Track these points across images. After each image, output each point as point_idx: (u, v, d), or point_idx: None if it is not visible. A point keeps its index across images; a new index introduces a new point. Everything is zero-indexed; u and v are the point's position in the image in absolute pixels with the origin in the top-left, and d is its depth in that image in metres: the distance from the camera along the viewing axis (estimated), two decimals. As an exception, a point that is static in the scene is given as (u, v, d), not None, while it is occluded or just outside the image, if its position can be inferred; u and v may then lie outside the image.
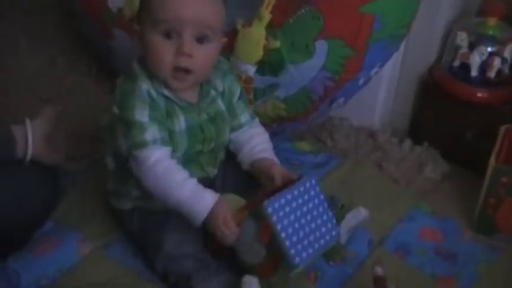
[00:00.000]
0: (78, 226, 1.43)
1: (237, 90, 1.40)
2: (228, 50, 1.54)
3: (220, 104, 1.37)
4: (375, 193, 1.60)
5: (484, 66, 1.65)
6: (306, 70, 1.49)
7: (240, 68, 1.52)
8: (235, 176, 1.42)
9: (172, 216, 1.31)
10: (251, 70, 1.52)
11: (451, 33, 1.71)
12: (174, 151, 1.30)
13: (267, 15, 1.48)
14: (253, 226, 1.23)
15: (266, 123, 1.60)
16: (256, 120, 1.44)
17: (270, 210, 1.20)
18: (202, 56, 1.26)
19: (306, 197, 1.26)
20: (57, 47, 2.08)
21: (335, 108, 1.64)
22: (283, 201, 1.22)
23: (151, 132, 1.26)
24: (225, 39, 1.34)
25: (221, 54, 1.53)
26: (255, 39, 1.49)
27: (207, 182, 1.36)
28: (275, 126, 1.64)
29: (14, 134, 1.31)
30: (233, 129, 1.41)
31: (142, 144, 1.25)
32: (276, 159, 1.40)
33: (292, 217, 1.23)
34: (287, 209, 1.22)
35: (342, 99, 1.60)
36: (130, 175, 1.31)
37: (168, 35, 1.24)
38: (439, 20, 1.72)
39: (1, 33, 2.13)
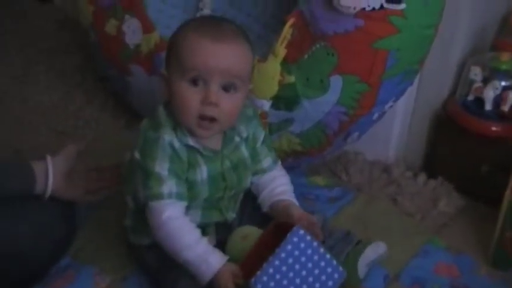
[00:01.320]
0: (94, 261, 1.44)
1: (261, 135, 1.40)
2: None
3: (244, 151, 1.37)
4: (389, 227, 1.59)
5: (498, 101, 1.65)
6: (321, 105, 1.50)
7: (255, 103, 1.53)
8: (252, 215, 1.43)
9: None
10: (266, 105, 1.53)
11: (464, 67, 1.72)
12: (194, 199, 1.31)
13: (282, 51, 1.49)
14: None
15: (281, 158, 1.61)
16: (279, 163, 1.45)
17: (259, 286, 1.19)
18: (228, 104, 1.26)
19: (297, 252, 1.21)
20: (75, 84, 2.12)
21: (350, 142, 1.64)
22: (271, 270, 1.20)
23: (169, 186, 1.27)
24: (252, 86, 1.35)
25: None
26: (270, 74, 1.51)
27: (225, 224, 1.38)
28: (290, 160, 1.64)
29: (34, 171, 1.33)
30: (255, 174, 1.41)
31: (158, 197, 1.27)
32: (295, 201, 1.40)
33: (285, 282, 1.20)
34: (277, 276, 1.20)
35: (356, 134, 1.60)
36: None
37: (194, 82, 1.24)
38: (452, 55, 1.73)
39: (23, 72, 2.17)
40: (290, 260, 1.21)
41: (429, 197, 1.71)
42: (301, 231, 1.22)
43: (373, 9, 1.38)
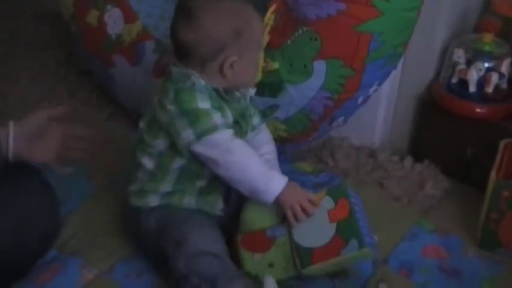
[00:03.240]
0: (80, 252, 1.44)
1: (247, 92, 1.44)
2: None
3: (243, 102, 1.41)
4: (376, 212, 1.58)
5: (482, 82, 1.65)
6: (305, 90, 1.49)
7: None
8: None
9: (195, 213, 1.35)
10: (250, 92, 1.53)
11: (448, 50, 1.72)
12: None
13: (265, 37, 1.49)
14: (329, 205, 1.30)
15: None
16: (264, 124, 1.49)
17: (349, 190, 1.30)
18: None
19: (357, 201, 1.34)
20: (58, 78, 2.10)
21: (335, 127, 1.64)
22: (351, 191, 1.33)
23: (218, 117, 1.31)
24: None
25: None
26: (254, 61, 1.50)
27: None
28: (276, 147, 1.64)
29: None
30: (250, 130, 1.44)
31: (213, 128, 1.29)
32: (278, 169, 1.44)
33: (359, 206, 1.32)
34: (355, 199, 1.32)
35: (341, 119, 1.60)
36: (167, 174, 1.37)
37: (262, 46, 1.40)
38: (436, 38, 1.73)
39: (4, 68, 2.15)
40: (358, 198, 1.35)
41: (416, 180, 1.71)
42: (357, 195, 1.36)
43: (355, -8, 1.38)
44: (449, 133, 1.72)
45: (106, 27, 1.72)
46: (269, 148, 1.46)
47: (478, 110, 1.67)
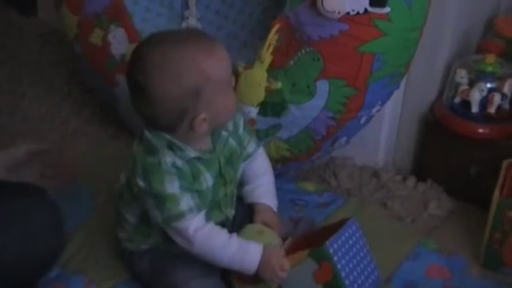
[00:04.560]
0: (84, 271, 1.44)
1: (241, 121, 1.41)
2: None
3: (232, 142, 1.38)
4: (380, 232, 1.59)
5: (485, 103, 1.66)
6: (308, 110, 1.50)
7: (242, 109, 1.53)
8: (244, 215, 1.43)
9: (188, 253, 1.32)
10: (253, 112, 1.53)
11: (450, 70, 1.73)
12: (203, 206, 1.31)
13: (267, 57, 1.50)
14: (312, 266, 1.25)
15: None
16: (261, 149, 1.46)
17: (331, 250, 1.23)
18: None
19: (354, 238, 1.29)
20: (62, 96, 2.11)
21: (337, 147, 1.65)
22: (340, 241, 1.26)
23: (186, 201, 1.26)
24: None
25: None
26: (257, 81, 1.51)
27: (225, 223, 1.39)
28: (278, 166, 1.64)
29: None
30: (244, 160, 1.42)
31: (180, 216, 1.26)
32: (274, 201, 1.44)
33: (347, 257, 1.26)
34: (343, 248, 1.26)
35: (344, 138, 1.61)
36: (153, 230, 1.35)
37: (231, 84, 1.31)
38: (438, 58, 1.73)
39: (9, 86, 2.16)
40: (351, 241, 1.29)
41: (419, 200, 1.71)
42: (357, 224, 1.32)
43: (358, 13, 1.39)
44: (452, 153, 1.72)
45: (110, 47, 1.73)
46: (265, 180, 1.45)
47: (480, 130, 1.67)
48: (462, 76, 1.68)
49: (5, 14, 2.60)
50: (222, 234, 1.29)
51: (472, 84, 1.67)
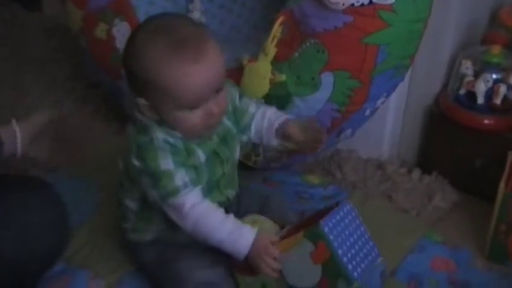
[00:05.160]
0: (88, 265, 1.44)
1: (236, 94, 1.39)
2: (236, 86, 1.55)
3: (226, 122, 1.36)
4: (385, 224, 1.59)
5: (490, 94, 1.65)
6: (313, 103, 1.49)
7: (246, 102, 1.53)
8: (249, 199, 1.44)
9: (192, 244, 1.32)
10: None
11: (455, 62, 1.72)
12: (199, 184, 1.30)
13: (272, 49, 1.49)
14: (308, 247, 1.24)
15: (274, 157, 1.61)
16: (263, 103, 1.45)
17: (326, 229, 1.22)
18: (223, 102, 1.27)
19: (350, 217, 1.28)
20: (66, 91, 2.11)
21: (342, 139, 1.64)
22: (334, 220, 1.25)
23: (180, 177, 1.26)
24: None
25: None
26: (261, 73, 1.51)
27: (226, 206, 1.37)
28: (284, 159, 1.64)
29: (1, 136, 1.35)
30: (249, 125, 1.41)
31: (175, 191, 1.26)
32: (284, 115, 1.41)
33: (343, 235, 1.25)
34: (339, 227, 1.25)
35: (349, 131, 1.60)
36: (154, 214, 1.34)
37: (196, 107, 1.23)
38: (443, 50, 1.73)
39: (13, 81, 2.16)
40: (346, 220, 1.27)
41: (424, 192, 1.71)
42: (350, 205, 1.30)
43: (362, 4, 1.38)
44: (457, 145, 1.71)
45: (114, 41, 1.73)
46: (269, 113, 1.41)
47: (486, 121, 1.66)
48: (467, 67, 1.68)
49: (9, 9, 2.60)
50: (218, 213, 1.28)
51: (477, 75, 1.67)
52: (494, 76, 1.65)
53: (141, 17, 1.71)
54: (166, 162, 1.26)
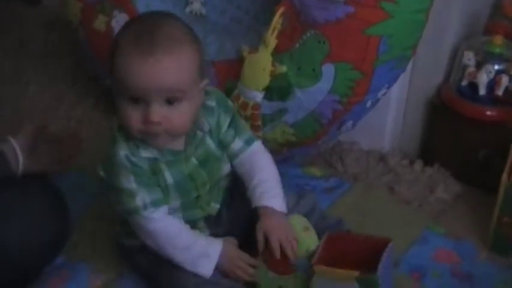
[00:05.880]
0: (89, 259, 1.44)
1: (225, 122, 1.34)
2: (235, 77, 1.55)
3: (210, 143, 1.33)
4: (387, 216, 1.59)
5: (492, 85, 1.64)
6: (314, 94, 1.48)
7: (247, 94, 1.52)
8: (242, 204, 1.38)
9: None
10: (258, 96, 1.52)
11: (457, 53, 1.71)
12: (169, 203, 1.29)
13: (272, 41, 1.48)
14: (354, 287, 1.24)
15: (275, 149, 1.60)
16: (255, 145, 1.38)
17: (380, 280, 1.22)
18: (175, 117, 1.20)
19: (390, 260, 1.30)
20: (66, 85, 2.11)
21: (344, 131, 1.63)
22: (383, 267, 1.24)
23: (141, 197, 1.25)
24: (206, 82, 1.28)
25: (230, 81, 1.54)
26: (262, 65, 1.50)
27: (212, 218, 1.37)
28: (285, 151, 1.63)
29: (5, 152, 1.33)
30: (231, 160, 1.37)
31: (135, 211, 1.25)
32: (279, 194, 1.34)
33: (386, 277, 1.26)
34: (385, 273, 1.25)
35: (350, 122, 1.59)
36: None
37: (135, 100, 1.18)
38: (445, 41, 1.72)
39: (13, 75, 2.16)
40: (388, 260, 1.28)
41: (426, 184, 1.70)
42: (392, 242, 1.29)
43: (364, -5, 1.37)
44: (459, 136, 1.70)
45: (114, 33, 1.71)
46: (263, 176, 1.34)
47: (488, 112, 1.65)
48: (469, 58, 1.67)
49: (9, 3, 2.59)
50: (183, 236, 1.28)
51: (479, 66, 1.66)
52: (496, 67, 1.64)
53: (140, 8, 1.70)
54: (127, 181, 1.24)
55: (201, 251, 1.27)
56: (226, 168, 1.37)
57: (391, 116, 1.81)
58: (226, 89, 1.56)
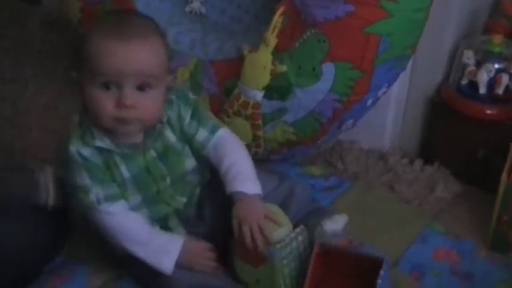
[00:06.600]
0: (88, 259, 1.43)
1: (187, 113, 1.33)
2: (236, 76, 1.55)
3: (169, 136, 1.32)
4: (387, 215, 1.59)
5: (492, 84, 1.64)
6: (314, 93, 1.48)
7: (247, 93, 1.52)
8: (214, 199, 1.39)
9: None
10: (259, 95, 1.52)
11: (457, 51, 1.71)
12: (127, 199, 1.30)
13: (272, 40, 1.48)
14: None
15: (276, 149, 1.61)
16: (221, 132, 1.36)
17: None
18: (146, 104, 1.22)
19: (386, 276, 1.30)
20: (65, 85, 2.11)
21: (344, 130, 1.63)
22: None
23: (95, 193, 1.26)
24: (170, 78, 1.30)
25: (229, 81, 1.54)
26: (262, 64, 1.50)
27: (186, 214, 1.38)
28: (285, 151, 1.63)
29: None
30: (199, 151, 1.35)
31: (90, 206, 1.26)
32: (250, 177, 1.32)
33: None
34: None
35: (350, 121, 1.59)
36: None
37: (106, 86, 1.20)
38: (445, 39, 1.72)
39: (12, 74, 2.16)
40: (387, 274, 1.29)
41: (426, 183, 1.70)
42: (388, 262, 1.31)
43: (363, -6, 1.37)
44: (459, 135, 1.70)
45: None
46: (230, 160, 1.32)
47: (488, 111, 1.65)
48: (469, 57, 1.67)
49: (8, 2, 2.59)
50: (142, 230, 1.29)
51: (479, 65, 1.66)
52: (496, 66, 1.64)
53: (140, 7, 1.70)
54: (81, 177, 1.26)
55: (161, 247, 1.28)
56: (189, 162, 1.36)
57: (391, 115, 1.81)
58: (226, 88, 1.56)
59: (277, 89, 1.50)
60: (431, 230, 1.55)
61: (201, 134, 1.34)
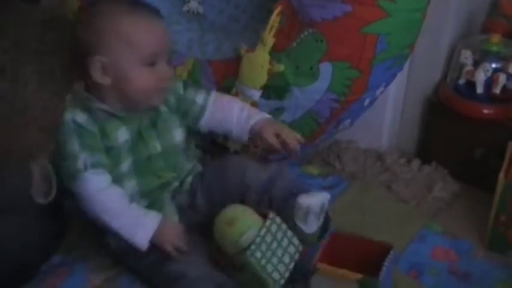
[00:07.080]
0: (87, 257, 1.43)
1: (180, 84, 1.44)
2: (233, 76, 1.54)
3: (162, 107, 1.40)
4: (385, 214, 1.59)
5: (489, 83, 1.65)
6: (311, 93, 1.48)
7: (245, 93, 1.52)
8: (217, 183, 1.43)
9: None
10: (256, 95, 1.52)
11: (455, 51, 1.71)
12: (119, 165, 1.33)
13: (270, 39, 1.48)
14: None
15: (273, 148, 1.60)
16: (214, 93, 1.47)
17: (381, 285, 1.27)
18: (170, 70, 1.36)
19: (391, 264, 1.34)
20: (64, 84, 2.10)
21: (341, 130, 1.63)
22: (384, 271, 1.28)
23: (83, 159, 1.29)
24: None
25: (227, 80, 1.54)
26: (259, 63, 1.50)
27: (174, 191, 1.41)
28: (283, 151, 1.63)
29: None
30: (200, 116, 1.44)
31: (76, 173, 1.28)
32: (261, 115, 1.45)
33: (386, 281, 1.31)
34: (385, 276, 1.29)
35: (348, 121, 1.59)
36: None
37: (153, 64, 1.31)
38: (443, 39, 1.72)
39: (11, 73, 2.15)
40: (389, 267, 1.32)
41: (424, 182, 1.70)
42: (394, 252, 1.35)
43: (361, -7, 1.37)
44: (457, 135, 1.71)
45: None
46: (238, 107, 1.45)
47: (485, 111, 1.65)
48: (467, 57, 1.67)
49: (7, 1, 2.58)
50: (122, 201, 1.30)
51: (476, 64, 1.66)
52: (493, 65, 1.64)
53: (139, 6, 1.70)
54: (71, 144, 1.30)
55: (137, 220, 1.30)
56: (177, 132, 1.42)
57: (389, 114, 1.81)
58: (223, 88, 1.56)
59: (275, 89, 1.50)
60: (429, 229, 1.55)
61: (200, 97, 1.45)
